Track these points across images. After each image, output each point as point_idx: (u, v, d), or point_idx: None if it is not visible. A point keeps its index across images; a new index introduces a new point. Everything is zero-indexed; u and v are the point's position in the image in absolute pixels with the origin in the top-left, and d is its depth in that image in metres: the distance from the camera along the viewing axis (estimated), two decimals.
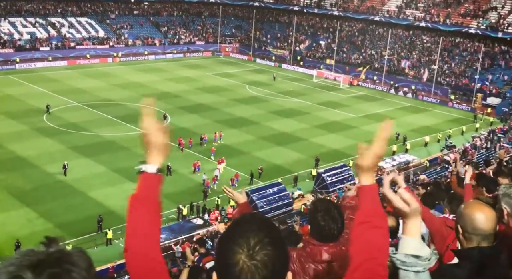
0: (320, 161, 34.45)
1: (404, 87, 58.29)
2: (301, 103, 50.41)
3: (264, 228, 1.46)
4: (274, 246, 1.43)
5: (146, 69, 61.90)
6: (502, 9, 60.37)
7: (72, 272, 1.10)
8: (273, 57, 71.42)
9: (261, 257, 1.39)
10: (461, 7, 63.52)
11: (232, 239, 1.44)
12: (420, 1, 67.01)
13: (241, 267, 1.39)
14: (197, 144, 36.78)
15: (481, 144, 39.24)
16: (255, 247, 1.40)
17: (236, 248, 1.41)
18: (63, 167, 30.46)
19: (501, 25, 58.44)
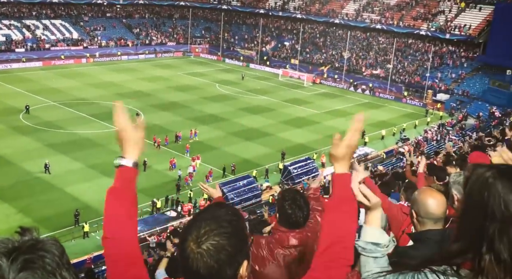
0: (286, 154, 34.67)
1: (362, 85, 59.18)
2: (268, 101, 50.55)
3: (218, 219, 1.45)
4: (223, 236, 1.41)
5: (119, 69, 60.80)
6: (449, 12, 61.96)
7: (46, 258, 1.09)
8: (241, 57, 71.28)
9: (207, 246, 1.39)
10: (413, 11, 64.85)
11: (189, 226, 1.45)
12: (376, 5, 68.07)
13: (188, 253, 1.40)
14: (172, 141, 36.30)
15: (432, 137, 40.28)
16: (203, 236, 1.40)
17: (188, 236, 1.42)
18: (45, 166, 29.56)
19: (448, 27, 59.98)
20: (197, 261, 1.38)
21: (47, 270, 1.07)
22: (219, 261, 1.39)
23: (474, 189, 1.58)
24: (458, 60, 59.06)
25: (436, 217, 2.64)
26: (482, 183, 1.55)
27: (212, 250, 1.39)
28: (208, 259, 1.38)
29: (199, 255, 1.38)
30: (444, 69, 58.76)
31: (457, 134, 40.35)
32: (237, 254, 1.43)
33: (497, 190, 1.51)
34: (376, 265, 1.85)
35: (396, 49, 61.33)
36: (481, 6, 59.47)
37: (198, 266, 1.38)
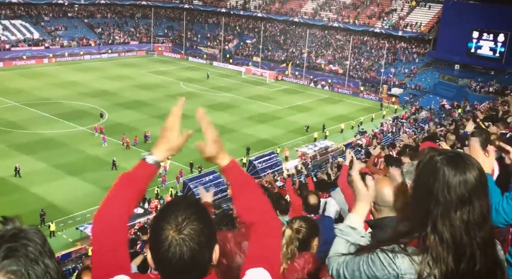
0: (250, 149, 34.77)
1: (322, 81, 59.95)
2: (232, 97, 50.46)
3: (191, 207, 1.48)
4: (200, 221, 1.45)
5: (82, 68, 59.16)
6: (401, 11, 63.53)
7: (29, 246, 1.09)
8: (204, 55, 70.76)
9: (188, 232, 1.42)
10: (368, 9, 66.11)
11: (162, 218, 1.45)
12: (333, 4, 68.96)
13: (170, 242, 1.41)
14: (141, 141, 35.31)
15: (388, 129, 41.30)
16: (183, 223, 1.42)
17: (165, 225, 1.43)
18: (15, 169, 28.36)
19: (401, 25, 61.52)
20: (180, 246, 1.40)
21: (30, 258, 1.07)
22: (200, 243, 1.42)
23: (423, 172, 1.65)
24: (410, 56, 60.70)
25: (392, 205, 2.71)
26: (431, 167, 1.62)
27: (193, 234, 1.42)
28: (190, 243, 1.41)
29: (181, 241, 1.40)
30: (398, 64, 60.28)
31: (410, 126, 41.53)
32: (212, 236, 1.49)
33: (443, 175, 1.58)
34: (344, 247, 1.89)
35: (352, 46, 62.41)
36: (430, 4, 61.29)
37: (181, 252, 1.40)
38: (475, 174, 1.57)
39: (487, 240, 1.59)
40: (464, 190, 1.55)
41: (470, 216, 1.55)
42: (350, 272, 1.72)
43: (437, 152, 1.67)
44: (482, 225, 1.57)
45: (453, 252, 1.55)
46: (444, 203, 1.56)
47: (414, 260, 1.57)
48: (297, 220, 2.83)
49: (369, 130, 41.04)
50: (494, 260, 1.61)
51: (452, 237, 1.55)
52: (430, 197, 1.59)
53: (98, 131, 36.15)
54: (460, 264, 1.54)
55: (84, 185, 28.22)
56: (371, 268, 1.64)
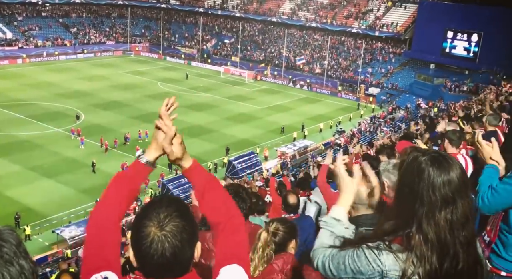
0: (230, 150, 34.72)
1: (300, 81, 60.27)
2: (211, 98, 50.29)
3: (173, 204, 1.50)
4: (182, 218, 1.47)
5: (57, 69, 58.07)
6: (378, 11, 64.36)
7: (3, 247, 1.09)
8: (182, 55, 70.31)
9: (170, 228, 1.44)
10: (345, 10, 66.76)
11: (144, 215, 1.47)
12: (310, 4, 69.40)
13: (152, 238, 1.42)
14: (122, 143, 34.72)
15: (366, 128, 41.79)
16: (165, 220, 1.44)
17: (147, 222, 1.44)
18: None
19: (377, 25, 62.33)
20: (162, 243, 1.41)
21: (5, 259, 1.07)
22: (182, 240, 1.44)
23: (407, 172, 1.68)
24: (387, 56, 61.53)
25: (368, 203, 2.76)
26: (415, 167, 1.65)
27: (175, 230, 1.43)
28: (172, 240, 1.42)
29: (164, 237, 1.42)
30: (375, 64, 61.04)
31: (387, 125, 42.11)
32: (194, 234, 1.51)
33: (428, 175, 1.61)
34: (329, 240, 1.91)
35: (330, 46, 62.93)
36: (406, 4, 62.26)
37: (164, 248, 1.41)
38: (458, 174, 1.61)
39: (469, 239, 1.62)
40: (448, 190, 1.58)
41: (453, 215, 1.58)
42: (335, 265, 1.74)
43: (420, 152, 1.69)
44: (465, 225, 1.61)
45: (437, 252, 1.58)
46: (428, 203, 1.59)
47: (399, 258, 1.59)
48: (274, 222, 2.83)
49: (348, 130, 41.45)
50: (475, 258, 1.65)
51: (437, 237, 1.58)
52: (415, 197, 1.62)
53: (75, 133, 35.49)
54: (444, 263, 1.57)
55: (60, 187, 27.71)
56: (356, 263, 1.66)
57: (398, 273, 1.59)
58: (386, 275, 1.61)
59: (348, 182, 2.04)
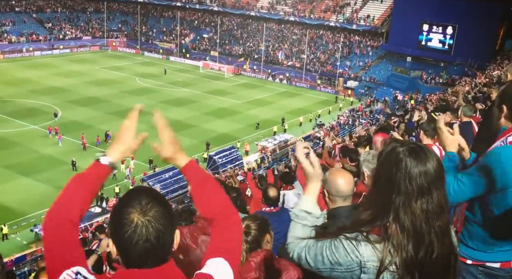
0: (210, 145, 34.59)
1: (280, 75, 60.35)
2: (190, 93, 49.95)
3: (152, 193, 1.56)
4: (161, 205, 1.52)
5: (33, 65, 56.78)
6: (355, 5, 64.77)
7: None
8: (160, 50, 69.57)
9: (152, 214, 1.48)
10: (322, 3, 66.97)
11: (125, 204, 1.50)
12: None
13: (136, 224, 1.46)
14: (103, 141, 33.69)
15: (345, 121, 42.16)
16: (147, 206, 1.49)
17: (130, 210, 1.48)
18: None
19: (355, 18, 62.76)
20: (146, 228, 1.45)
21: None
22: (164, 225, 1.49)
23: (385, 162, 1.69)
24: (364, 49, 62.04)
25: (346, 194, 2.78)
26: (393, 157, 1.67)
27: (157, 215, 1.48)
28: (156, 224, 1.47)
29: (147, 222, 1.46)
30: (353, 57, 61.50)
31: (366, 118, 42.57)
32: (173, 220, 1.56)
33: (405, 166, 1.63)
34: (302, 232, 1.92)
35: (309, 40, 63.09)
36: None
37: (148, 232, 1.46)
38: (435, 165, 1.63)
39: (444, 228, 1.65)
40: (424, 181, 1.61)
41: (429, 205, 1.61)
42: (313, 256, 1.75)
43: (399, 143, 1.72)
44: (440, 214, 1.64)
45: (413, 240, 1.60)
46: (405, 192, 1.62)
47: (377, 248, 1.62)
48: (245, 221, 2.83)
49: (327, 123, 41.73)
50: (449, 247, 1.68)
51: (413, 226, 1.61)
52: (392, 187, 1.64)
53: (52, 131, 34.68)
54: (419, 251, 1.60)
55: (38, 185, 27.20)
56: (334, 254, 1.67)
57: (376, 264, 1.61)
58: (364, 266, 1.63)
59: (311, 170, 2.03)
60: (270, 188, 5.06)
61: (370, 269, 1.63)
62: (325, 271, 1.72)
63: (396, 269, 1.60)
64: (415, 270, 1.61)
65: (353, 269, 1.64)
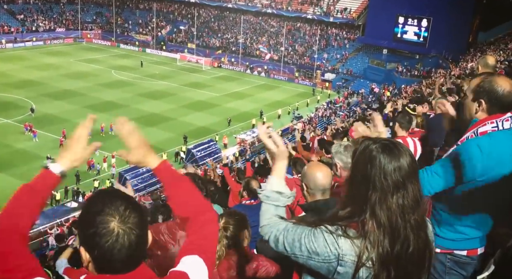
0: (188, 138, 34.38)
1: (258, 68, 60.25)
2: (168, 85, 49.43)
3: (125, 197, 1.53)
4: (137, 210, 1.51)
5: (4, 57, 55.16)
6: None
7: None
8: (136, 42, 68.51)
9: (132, 220, 1.46)
10: None
11: (99, 212, 1.45)
12: None
13: (117, 233, 1.43)
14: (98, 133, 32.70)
15: (323, 114, 42.46)
16: (125, 213, 1.46)
17: (107, 218, 1.43)
18: None
19: (332, 11, 63.00)
20: (128, 235, 1.44)
21: None
22: (143, 229, 1.50)
23: (360, 160, 1.71)
24: (341, 42, 62.42)
25: (324, 188, 2.80)
26: (367, 155, 1.69)
27: (136, 221, 1.47)
28: (136, 230, 1.46)
29: (128, 230, 1.44)
30: (330, 50, 61.82)
31: (343, 110, 42.97)
32: (147, 222, 1.57)
33: (379, 162, 1.65)
34: (276, 213, 1.92)
35: (286, 32, 63.10)
36: None
37: (130, 240, 1.44)
38: (408, 160, 1.66)
39: (420, 222, 1.68)
40: (398, 176, 1.63)
41: (404, 200, 1.64)
42: (290, 241, 1.75)
43: (371, 140, 1.74)
44: (415, 208, 1.66)
45: (389, 236, 1.63)
46: (381, 188, 1.64)
47: (355, 243, 1.63)
48: (223, 217, 2.82)
49: (305, 115, 41.93)
50: (425, 242, 1.71)
51: (389, 221, 1.63)
52: (367, 184, 1.66)
53: (28, 128, 33.51)
54: (395, 246, 1.63)
55: (12, 180, 26.55)
56: (312, 243, 1.68)
57: (354, 258, 1.63)
58: (342, 259, 1.64)
59: (275, 149, 2.03)
60: (252, 180, 5.06)
61: (347, 263, 1.64)
62: (301, 258, 1.72)
63: (373, 265, 1.62)
64: (391, 266, 1.63)
65: (330, 260, 1.66)
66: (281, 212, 1.95)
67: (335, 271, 1.66)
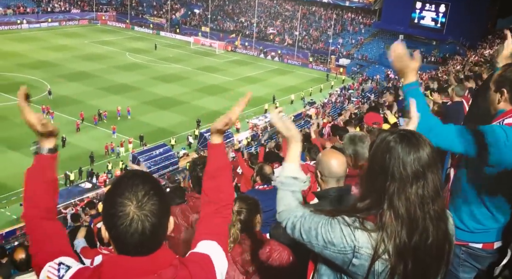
0: (201, 122, 34.45)
1: (271, 52, 59.83)
2: (181, 69, 49.40)
3: (148, 181, 1.49)
4: (158, 196, 1.47)
5: (21, 38, 55.55)
6: None
7: None
8: (150, 25, 68.40)
9: (149, 207, 1.43)
10: None
11: (120, 193, 1.44)
12: None
13: (132, 218, 1.41)
14: (101, 121, 33.24)
15: (336, 99, 42.14)
16: (143, 199, 1.43)
17: (125, 201, 1.42)
18: None
19: None
20: (143, 222, 1.41)
21: None
22: (160, 218, 1.46)
23: (377, 151, 1.68)
24: (357, 27, 61.56)
25: (339, 175, 2.77)
26: (385, 146, 1.65)
27: (154, 209, 1.44)
28: (152, 218, 1.43)
29: (144, 216, 1.42)
30: (345, 35, 61.05)
31: (358, 96, 42.58)
32: (168, 209, 1.54)
33: (397, 153, 1.62)
34: (293, 199, 1.90)
35: (301, 16, 62.37)
36: None
37: (143, 227, 1.42)
38: (428, 150, 1.62)
39: (440, 213, 1.64)
40: (418, 166, 1.59)
41: (424, 190, 1.60)
42: (307, 229, 1.73)
43: (388, 132, 1.70)
44: (435, 199, 1.62)
45: (407, 227, 1.59)
46: (399, 178, 1.60)
47: (372, 236, 1.61)
48: (237, 201, 2.82)
49: (318, 101, 41.66)
50: (445, 233, 1.67)
51: (407, 212, 1.59)
52: (385, 174, 1.62)
53: (45, 111, 33.71)
54: (413, 237, 1.59)
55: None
56: (329, 233, 1.66)
57: (370, 251, 1.61)
58: (358, 251, 1.62)
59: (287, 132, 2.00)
60: (265, 165, 5.05)
61: (363, 255, 1.62)
62: (317, 247, 1.71)
63: (389, 257, 1.60)
64: (408, 258, 1.60)
65: (346, 252, 1.64)
66: (299, 196, 1.94)
67: (350, 263, 1.64)
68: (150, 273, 1.44)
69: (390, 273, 1.60)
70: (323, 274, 1.80)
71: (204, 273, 1.56)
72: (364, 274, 1.63)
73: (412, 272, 1.61)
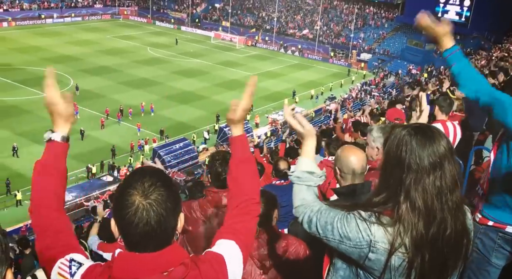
0: (220, 116, 34.56)
1: (292, 47, 59.51)
2: (201, 63, 49.59)
3: (156, 174, 1.49)
4: (165, 187, 1.46)
5: (44, 33, 56.60)
6: None
7: None
8: (172, 19, 68.79)
9: (155, 197, 1.42)
10: None
11: (128, 185, 1.45)
12: None
13: (136, 206, 1.40)
14: (126, 117, 33.46)
15: (357, 95, 41.71)
16: (149, 189, 1.43)
17: (132, 191, 1.43)
18: (13, 149, 27.00)
19: None
20: (147, 211, 1.40)
21: None
22: (167, 209, 1.43)
23: (392, 146, 1.67)
24: (379, 21, 60.72)
25: (358, 172, 2.74)
26: (400, 140, 1.65)
27: (159, 199, 1.42)
28: (157, 208, 1.41)
29: (149, 205, 1.41)
30: (367, 29, 60.30)
31: (379, 91, 42.05)
32: (177, 204, 1.50)
33: (412, 145, 1.61)
34: (309, 193, 1.91)
35: (322, 11, 61.81)
36: None
37: (149, 216, 1.40)
38: (444, 142, 1.61)
39: (458, 204, 1.62)
40: (435, 157, 1.59)
41: (442, 181, 1.59)
42: (323, 223, 1.74)
43: (401, 126, 1.70)
44: (453, 190, 1.61)
45: (424, 218, 1.58)
46: (416, 170, 1.59)
47: (388, 231, 1.60)
48: None
49: (339, 96, 41.31)
50: (463, 225, 1.65)
51: (424, 203, 1.58)
52: (401, 167, 1.62)
53: None
54: (430, 229, 1.58)
55: None
56: (345, 227, 1.66)
57: (386, 246, 1.59)
58: (374, 246, 1.61)
59: (301, 129, 2.00)
60: (281, 161, 5.03)
61: (379, 250, 1.61)
62: (333, 242, 1.71)
63: (406, 251, 1.58)
64: (426, 251, 1.58)
65: (362, 246, 1.63)
66: (314, 192, 1.93)
67: (366, 258, 1.63)
68: (159, 270, 1.42)
69: (408, 267, 1.59)
70: (339, 269, 1.80)
71: (215, 274, 1.53)
72: (381, 269, 1.61)
73: (430, 265, 1.59)
